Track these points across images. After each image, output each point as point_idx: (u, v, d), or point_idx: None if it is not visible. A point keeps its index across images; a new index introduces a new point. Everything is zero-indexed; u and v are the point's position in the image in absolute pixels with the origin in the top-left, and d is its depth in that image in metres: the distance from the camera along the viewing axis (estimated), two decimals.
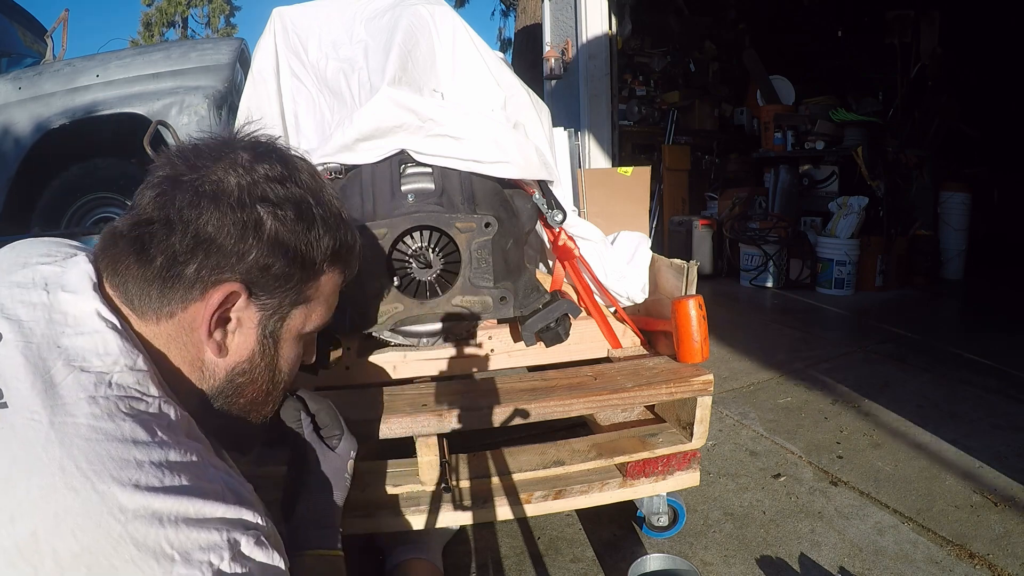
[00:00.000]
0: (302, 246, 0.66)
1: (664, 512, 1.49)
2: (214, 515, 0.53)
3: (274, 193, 0.64)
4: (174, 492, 0.52)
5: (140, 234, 0.62)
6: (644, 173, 3.87)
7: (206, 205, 0.61)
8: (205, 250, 0.62)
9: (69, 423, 0.53)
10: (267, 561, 0.56)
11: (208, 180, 0.63)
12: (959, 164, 4.88)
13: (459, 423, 1.16)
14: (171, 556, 0.49)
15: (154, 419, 0.57)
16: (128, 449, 0.53)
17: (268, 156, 0.67)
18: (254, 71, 1.60)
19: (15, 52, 4.10)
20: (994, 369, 2.64)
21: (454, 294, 1.25)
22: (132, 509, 0.50)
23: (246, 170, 0.64)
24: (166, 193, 0.62)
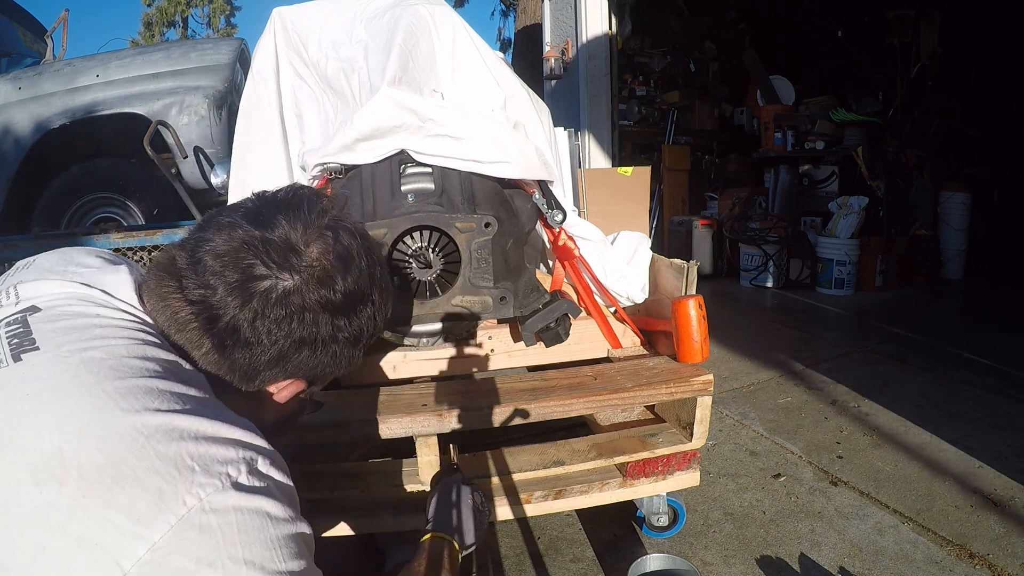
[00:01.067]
0: (358, 353, 0.75)
1: (664, 512, 1.49)
2: (231, 436, 0.56)
3: (350, 318, 0.70)
4: (193, 414, 0.56)
5: (221, 333, 0.65)
6: (644, 173, 3.87)
7: (294, 328, 0.66)
8: (283, 364, 0.69)
9: (97, 357, 0.57)
10: (284, 480, 0.58)
11: (294, 297, 0.66)
12: (959, 164, 4.88)
13: (459, 423, 1.17)
14: (191, 467, 0.52)
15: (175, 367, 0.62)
16: (153, 381, 0.57)
17: (351, 269, 0.69)
18: (254, 71, 1.61)
19: (15, 52, 4.10)
20: (994, 369, 2.64)
21: (454, 294, 1.25)
22: (154, 425, 0.53)
23: (330, 290, 0.67)
24: (248, 297, 0.64)
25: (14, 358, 0.58)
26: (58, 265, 0.72)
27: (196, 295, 0.65)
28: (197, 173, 3.50)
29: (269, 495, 0.55)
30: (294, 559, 0.55)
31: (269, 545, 0.53)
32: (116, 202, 3.67)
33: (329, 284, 0.67)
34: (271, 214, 0.67)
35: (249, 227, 0.66)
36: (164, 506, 0.50)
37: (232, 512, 0.52)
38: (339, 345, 0.70)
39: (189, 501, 0.50)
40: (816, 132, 4.88)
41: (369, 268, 0.72)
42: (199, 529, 0.50)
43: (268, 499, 0.55)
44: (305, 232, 0.67)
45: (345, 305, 0.69)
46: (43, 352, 0.58)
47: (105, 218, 3.65)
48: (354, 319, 0.70)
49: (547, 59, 6.01)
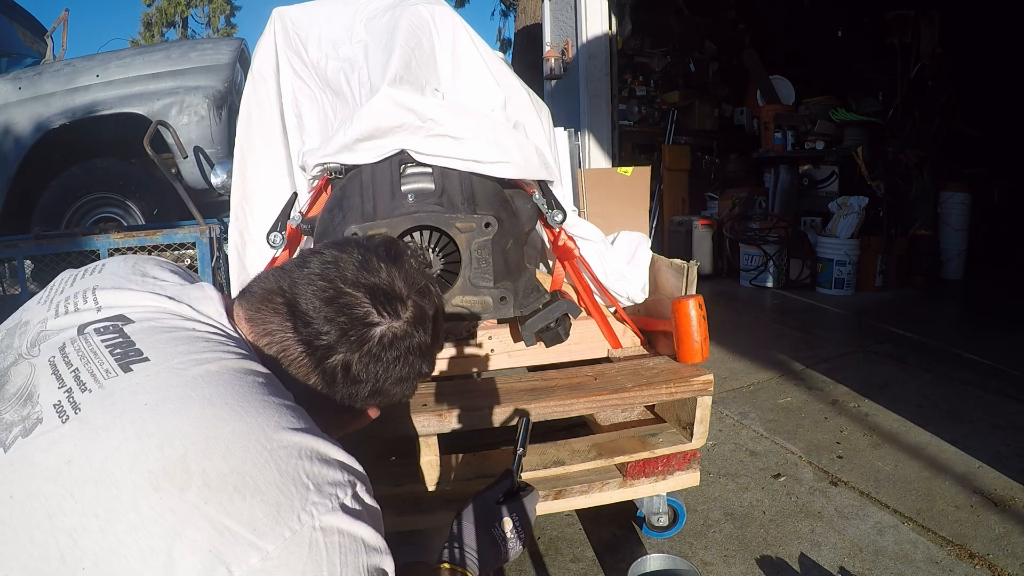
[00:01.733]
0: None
1: (664, 512, 1.49)
2: (339, 459, 0.59)
3: (431, 355, 0.78)
4: (309, 433, 0.58)
5: (330, 369, 0.71)
6: (644, 173, 3.87)
7: (399, 369, 0.73)
8: (377, 398, 0.76)
9: (212, 370, 0.59)
10: (374, 506, 0.61)
11: (402, 341, 0.73)
12: (959, 164, 4.88)
13: (459, 423, 1.17)
14: (307, 485, 0.54)
15: (275, 382, 0.64)
16: (268, 396, 0.60)
17: (436, 313, 0.78)
18: (254, 71, 1.61)
19: (15, 52, 4.10)
20: (994, 369, 2.64)
21: (454, 294, 1.25)
22: (276, 439, 0.55)
23: (425, 332, 0.75)
24: (362, 340, 0.70)
25: (123, 368, 0.58)
26: (134, 274, 0.74)
27: (306, 334, 0.69)
28: (197, 173, 3.51)
29: (367, 522, 0.58)
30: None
31: (361, 571, 0.55)
32: (116, 202, 3.68)
33: (425, 328, 0.75)
34: (376, 263, 0.74)
35: (360, 273, 0.72)
36: (281, 519, 0.52)
37: (336, 533, 0.54)
38: (418, 379, 0.78)
39: (304, 518, 0.53)
40: (816, 132, 4.88)
41: (440, 319, 0.80)
42: (308, 545, 0.52)
43: (366, 526, 0.57)
44: (407, 282, 0.74)
45: (431, 348, 0.77)
46: (154, 364, 0.59)
47: (105, 218, 3.65)
48: (432, 359, 0.79)
49: (547, 59, 6.01)
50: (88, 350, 0.61)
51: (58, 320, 0.66)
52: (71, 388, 0.57)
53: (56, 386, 0.58)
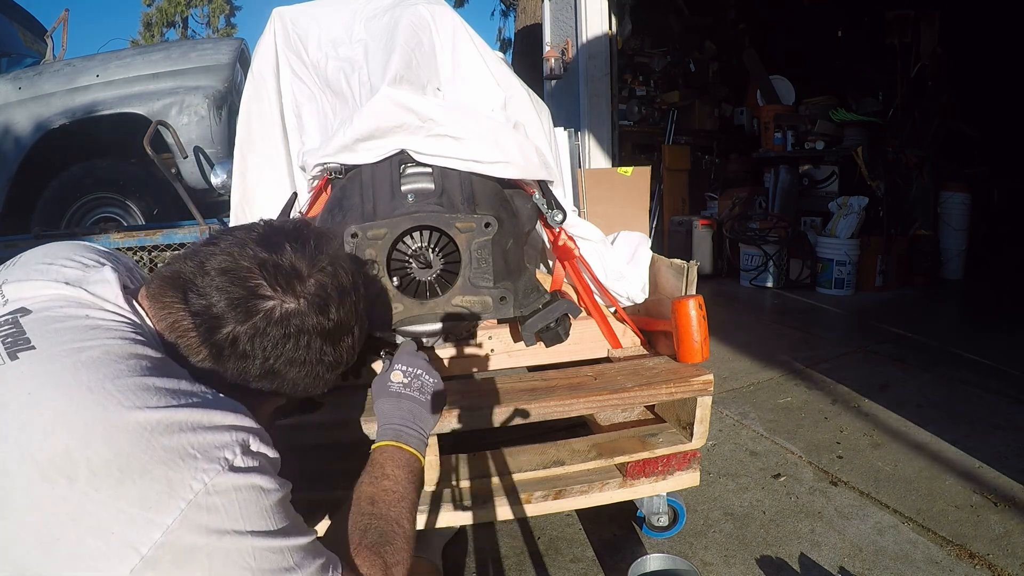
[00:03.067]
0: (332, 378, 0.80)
1: (664, 512, 1.49)
2: (224, 423, 0.62)
3: (334, 346, 0.76)
4: (189, 407, 0.61)
5: (218, 342, 0.70)
6: (644, 173, 3.86)
7: (288, 348, 0.72)
8: (271, 378, 0.74)
9: (95, 356, 0.61)
10: (271, 454, 0.65)
11: (293, 319, 0.72)
12: (959, 164, 4.88)
13: (459, 423, 1.17)
14: (194, 455, 0.57)
15: (164, 363, 0.66)
16: (148, 379, 0.61)
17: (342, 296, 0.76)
18: (254, 71, 1.60)
19: (15, 52, 4.10)
20: (994, 369, 2.64)
21: (454, 294, 1.24)
22: (156, 420, 0.58)
23: (323, 314, 0.74)
24: (251, 314, 0.70)
25: (10, 356, 0.60)
26: (41, 264, 0.75)
27: (199, 306, 0.70)
28: (197, 173, 3.51)
29: (261, 472, 0.62)
30: (284, 519, 0.63)
31: (264, 514, 0.61)
32: (116, 202, 3.68)
33: (325, 312, 0.74)
34: (280, 241, 0.73)
35: (258, 249, 0.72)
36: (174, 493, 0.55)
37: (232, 491, 0.58)
38: (322, 368, 0.77)
39: (195, 486, 0.56)
40: (816, 132, 4.88)
41: (356, 303, 0.79)
42: (206, 509, 0.56)
43: (260, 475, 0.62)
44: (310, 262, 0.74)
45: (334, 333, 0.76)
46: (39, 351, 0.61)
47: (105, 218, 3.65)
48: (338, 347, 0.77)
49: (547, 59, 6.01)
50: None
51: None
52: None
53: None
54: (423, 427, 0.96)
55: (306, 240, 0.76)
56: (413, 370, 1.02)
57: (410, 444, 0.92)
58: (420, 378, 1.02)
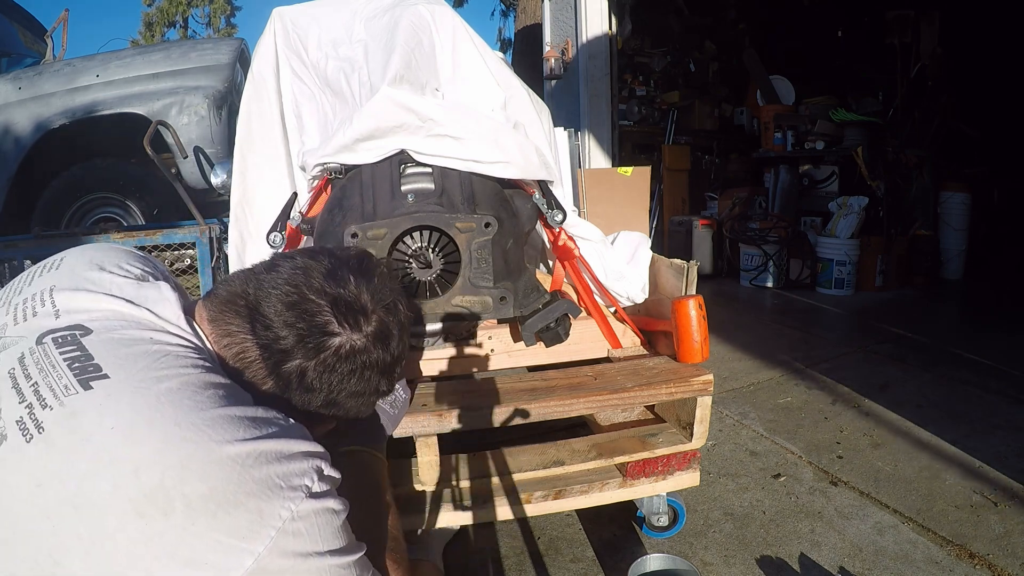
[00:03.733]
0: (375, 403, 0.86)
1: (664, 512, 1.49)
2: (300, 450, 0.65)
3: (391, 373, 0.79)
4: (269, 438, 0.63)
5: (285, 375, 0.72)
6: (644, 173, 3.86)
7: (354, 383, 0.75)
8: (332, 409, 0.77)
9: (173, 387, 0.62)
10: (336, 476, 0.68)
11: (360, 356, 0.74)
12: (959, 164, 4.88)
13: (459, 423, 1.17)
14: (280, 485, 0.61)
15: (235, 390, 0.68)
16: (230, 409, 0.63)
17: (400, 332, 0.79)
18: (254, 71, 1.60)
19: (15, 52, 4.10)
20: (994, 369, 2.64)
21: (454, 294, 1.24)
22: (245, 453, 0.60)
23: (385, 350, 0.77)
24: (320, 349, 0.72)
25: (82, 385, 0.60)
26: (91, 271, 0.74)
27: (266, 338, 0.71)
28: (197, 173, 3.51)
29: (333, 495, 0.66)
30: (348, 536, 0.67)
31: (336, 534, 0.65)
32: (116, 202, 3.68)
33: (388, 347, 0.77)
34: (345, 276, 0.75)
35: (326, 283, 0.73)
36: (264, 522, 0.59)
37: (312, 515, 0.62)
38: (376, 397, 0.81)
39: (283, 514, 0.60)
40: (816, 132, 4.88)
41: (405, 340, 0.82)
42: (292, 535, 0.60)
43: (333, 499, 0.66)
44: (374, 299, 0.76)
45: (392, 366, 0.79)
46: (114, 381, 0.61)
47: (105, 218, 3.65)
48: (391, 379, 0.81)
49: (547, 59, 6.01)
50: (47, 363, 0.62)
51: (17, 327, 0.67)
52: (31, 404, 0.59)
53: (17, 400, 0.59)
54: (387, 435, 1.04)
55: (370, 275, 0.77)
56: None
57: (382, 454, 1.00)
58: (395, 392, 1.07)
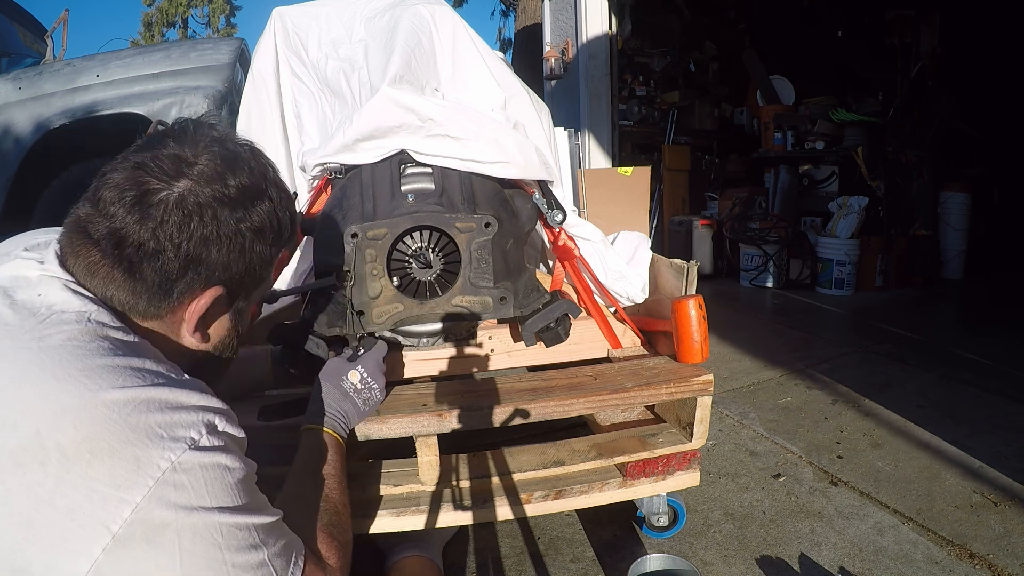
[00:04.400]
0: (269, 250, 0.77)
1: (664, 512, 1.49)
2: (190, 402, 0.63)
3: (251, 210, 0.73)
4: (155, 386, 0.62)
5: (127, 255, 0.67)
6: (644, 173, 3.87)
7: (195, 227, 0.68)
8: (195, 267, 0.70)
9: (56, 343, 0.61)
10: (237, 434, 0.67)
11: (191, 200, 0.68)
12: (959, 164, 4.88)
13: (459, 423, 1.16)
14: (160, 435, 0.59)
15: (129, 343, 0.66)
16: (110, 359, 0.62)
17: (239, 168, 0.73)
18: (254, 71, 1.61)
19: (15, 52, 4.10)
20: (994, 369, 2.64)
21: (454, 294, 1.25)
22: (122, 401, 0.59)
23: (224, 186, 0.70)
24: (150, 214, 0.67)
25: None
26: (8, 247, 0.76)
27: (101, 230, 0.67)
28: None
29: (227, 451, 0.64)
30: (248, 497, 0.65)
31: (229, 491, 0.62)
32: None
33: (220, 181, 0.70)
34: (160, 139, 0.71)
35: (138, 154, 0.69)
36: (142, 471, 0.57)
37: (198, 469, 0.60)
38: (244, 239, 0.72)
39: (162, 464, 0.58)
40: (816, 132, 4.88)
41: (260, 168, 0.76)
42: (173, 487, 0.58)
43: (226, 454, 0.63)
44: (192, 146, 0.71)
45: (241, 198, 0.72)
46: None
47: None
48: (253, 212, 0.73)
49: (547, 59, 6.01)
50: None
51: None
52: None
53: None
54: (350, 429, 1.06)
55: (184, 129, 0.73)
56: (370, 381, 1.09)
57: (343, 438, 1.01)
58: (372, 391, 1.09)
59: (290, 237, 0.81)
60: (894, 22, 4.75)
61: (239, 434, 0.67)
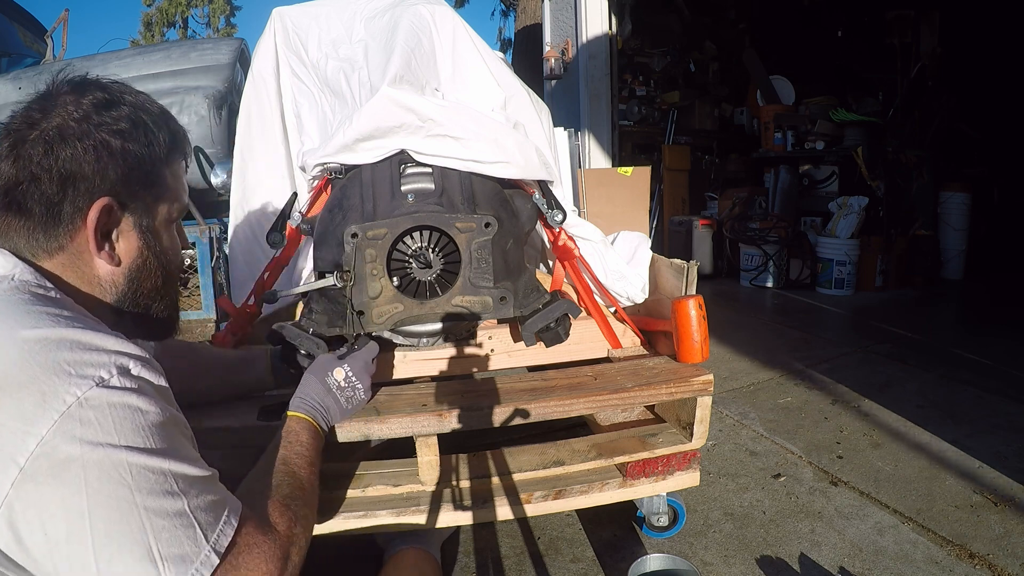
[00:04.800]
0: (145, 149, 0.77)
1: (664, 512, 1.49)
2: (105, 346, 0.64)
3: (108, 116, 0.75)
4: (67, 327, 0.63)
5: (13, 197, 0.71)
6: (644, 173, 3.87)
7: (58, 148, 0.71)
8: (73, 184, 0.71)
9: None
10: (156, 382, 0.67)
11: (50, 128, 0.72)
12: (959, 164, 4.88)
13: (459, 423, 1.17)
14: (68, 371, 0.59)
15: (53, 298, 0.68)
16: (30, 307, 0.64)
17: (89, 89, 0.76)
18: (254, 71, 1.61)
19: (15, 52, 4.10)
20: (994, 369, 2.64)
21: (454, 294, 1.25)
22: (33, 338, 0.60)
23: (76, 107, 0.73)
24: (19, 154, 0.71)
25: None
26: None
27: None
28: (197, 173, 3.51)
29: (140, 393, 0.63)
30: (166, 443, 0.64)
31: (140, 432, 0.62)
32: None
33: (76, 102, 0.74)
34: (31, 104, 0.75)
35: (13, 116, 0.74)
36: (47, 404, 0.57)
37: (106, 407, 0.60)
38: (111, 143, 0.73)
39: (68, 399, 0.58)
40: (816, 132, 4.88)
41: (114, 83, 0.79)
42: (79, 421, 0.58)
43: (138, 396, 0.63)
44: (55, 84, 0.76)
45: (97, 108, 0.74)
46: None
47: None
48: (112, 115, 0.75)
49: (547, 59, 6.01)
50: None
51: None
52: None
53: None
54: (330, 424, 1.08)
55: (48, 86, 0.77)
56: (354, 380, 1.11)
57: (322, 426, 1.03)
58: (356, 390, 1.11)
59: (174, 141, 0.83)
60: (894, 22, 4.75)
61: (158, 382, 0.67)
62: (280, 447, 0.92)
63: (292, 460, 0.90)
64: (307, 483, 0.88)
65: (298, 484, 0.86)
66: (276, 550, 0.71)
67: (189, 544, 0.62)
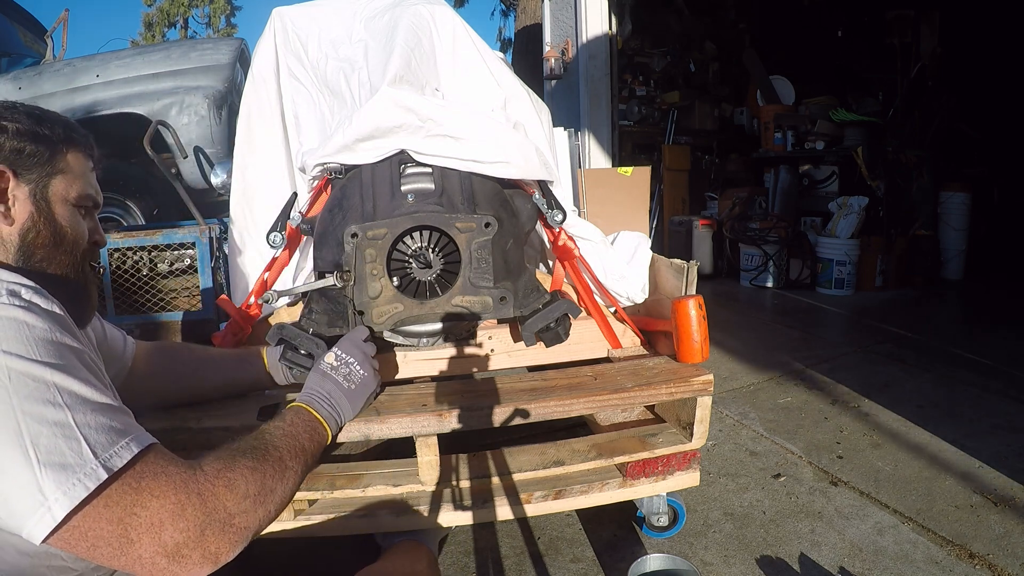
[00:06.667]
0: (39, 131, 0.84)
1: (664, 512, 1.49)
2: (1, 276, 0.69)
3: (7, 112, 0.83)
4: None
5: None
6: (644, 173, 3.86)
7: None
8: None
9: None
10: (48, 307, 0.70)
11: None
12: (959, 164, 4.88)
13: (459, 423, 1.16)
14: None
15: None
16: None
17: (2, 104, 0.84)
18: (254, 71, 1.60)
19: (15, 52, 4.10)
20: (994, 369, 2.64)
21: (454, 294, 1.24)
22: None
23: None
24: None
25: None
26: None
27: None
28: (197, 173, 3.51)
29: (28, 310, 0.67)
30: (55, 358, 0.66)
31: (25, 342, 0.65)
32: (116, 202, 3.67)
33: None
34: None
35: None
36: None
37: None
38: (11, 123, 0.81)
39: None
40: (816, 132, 4.88)
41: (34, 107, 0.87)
42: None
43: (26, 312, 0.67)
44: None
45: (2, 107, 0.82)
46: None
47: (105, 218, 3.64)
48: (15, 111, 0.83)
49: (547, 59, 6.01)
50: None
51: None
52: None
53: None
54: (339, 408, 1.06)
55: None
56: (346, 357, 1.12)
57: (320, 413, 1.01)
58: (350, 365, 1.12)
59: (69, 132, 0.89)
60: (894, 22, 4.75)
61: (52, 309, 0.70)
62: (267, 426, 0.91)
63: (266, 430, 0.89)
64: (286, 452, 0.85)
65: (269, 454, 0.82)
66: (193, 484, 0.69)
67: (72, 455, 0.62)
